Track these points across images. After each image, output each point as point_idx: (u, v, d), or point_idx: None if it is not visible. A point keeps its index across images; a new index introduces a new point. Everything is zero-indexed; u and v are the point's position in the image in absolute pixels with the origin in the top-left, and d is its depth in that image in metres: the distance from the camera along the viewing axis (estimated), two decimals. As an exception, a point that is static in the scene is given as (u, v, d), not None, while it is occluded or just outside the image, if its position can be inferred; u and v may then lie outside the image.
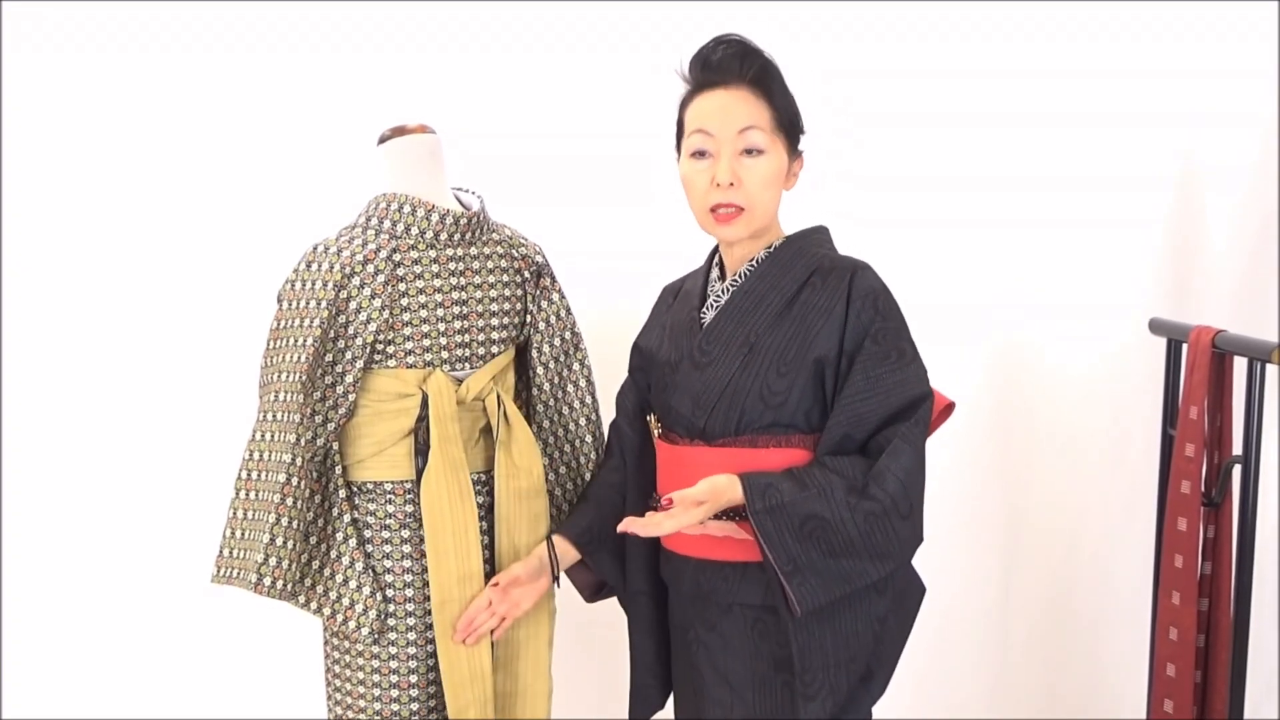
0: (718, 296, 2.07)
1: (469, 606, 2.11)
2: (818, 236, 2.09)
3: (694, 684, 2.10)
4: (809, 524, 1.89)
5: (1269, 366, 2.53)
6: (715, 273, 2.12)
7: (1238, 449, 2.62)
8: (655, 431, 2.12)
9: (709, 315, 2.07)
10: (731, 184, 1.97)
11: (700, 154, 2.00)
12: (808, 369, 1.98)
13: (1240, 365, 2.64)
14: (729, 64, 1.98)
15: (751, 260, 2.05)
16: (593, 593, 2.27)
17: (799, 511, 1.89)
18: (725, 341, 2.03)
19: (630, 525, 1.95)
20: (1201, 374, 2.65)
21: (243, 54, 2.81)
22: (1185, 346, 2.74)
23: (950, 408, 2.09)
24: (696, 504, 1.93)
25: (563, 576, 2.22)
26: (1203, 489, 2.67)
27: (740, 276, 2.05)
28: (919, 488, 1.95)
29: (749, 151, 1.98)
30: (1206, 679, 2.70)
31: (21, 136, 2.78)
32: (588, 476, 2.30)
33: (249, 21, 2.80)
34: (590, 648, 2.85)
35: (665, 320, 2.17)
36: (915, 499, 1.94)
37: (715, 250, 2.14)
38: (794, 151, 2.05)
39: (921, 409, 1.95)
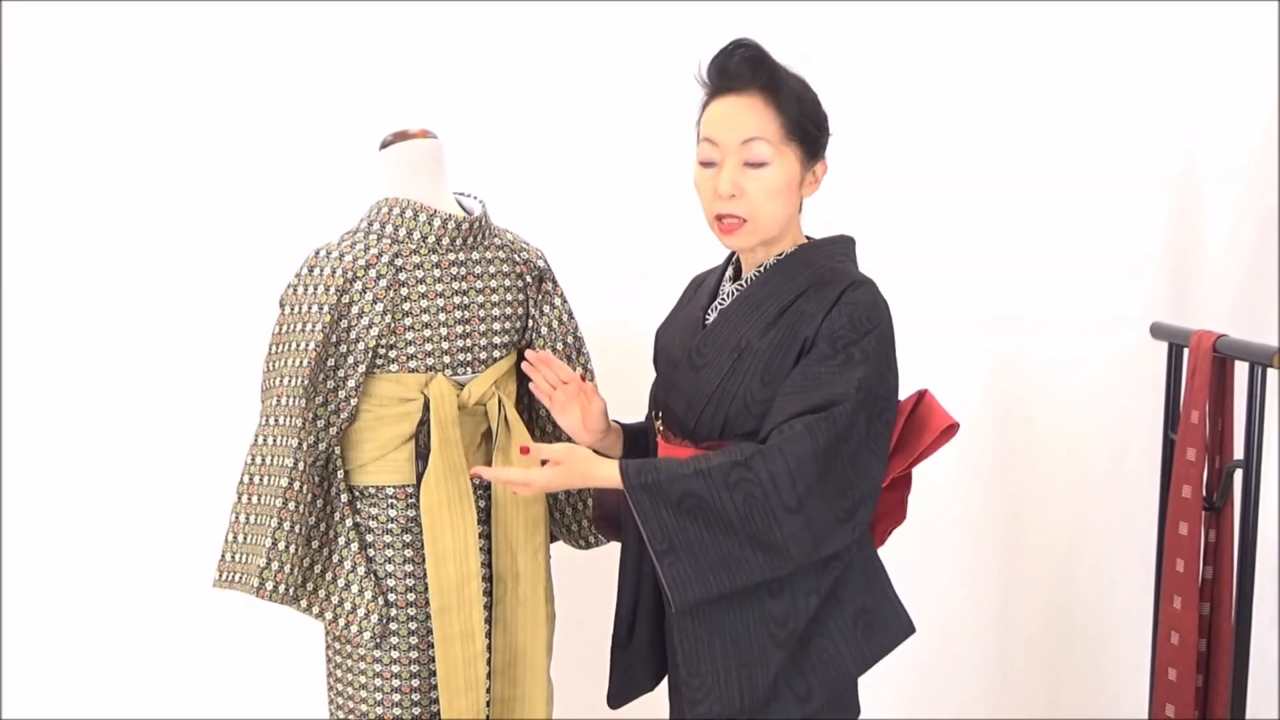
0: (725, 298, 2.06)
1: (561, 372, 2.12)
2: (833, 248, 2.04)
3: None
4: (687, 501, 1.83)
5: (1270, 371, 2.53)
6: (730, 272, 2.11)
7: (1239, 453, 2.62)
8: (658, 428, 2.12)
9: (713, 316, 2.07)
10: (733, 195, 1.94)
11: (708, 163, 1.98)
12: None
13: (1241, 370, 2.64)
14: (740, 70, 1.94)
15: (760, 266, 2.03)
16: (606, 525, 2.22)
17: (677, 489, 1.84)
18: (719, 345, 2.01)
19: (481, 470, 1.99)
20: (1203, 378, 2.65)
21: (245, 58, 2.80)
22: (1186, 351, 2.74)
23: (953, 428, 2.00)
24: (555, 463, 1.92)
25: (562, 579, 2.22)
26: (1204, 493, 2.67)
27: (746, 281, 2.04)
28: (813, 484, 1.82)
29: (752, 164, 1.94)
30: (1208, 683, 2.70)
31: (22, 140, 2.77)
32: None
33: (252, 24, 2.80)
34: (590, 648, 2.85)
35: (681, 314, 2.16)
36: (806, 495, 1.82)
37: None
38: (812, 158, 1.99)
39: (837, 408, 1.84)
